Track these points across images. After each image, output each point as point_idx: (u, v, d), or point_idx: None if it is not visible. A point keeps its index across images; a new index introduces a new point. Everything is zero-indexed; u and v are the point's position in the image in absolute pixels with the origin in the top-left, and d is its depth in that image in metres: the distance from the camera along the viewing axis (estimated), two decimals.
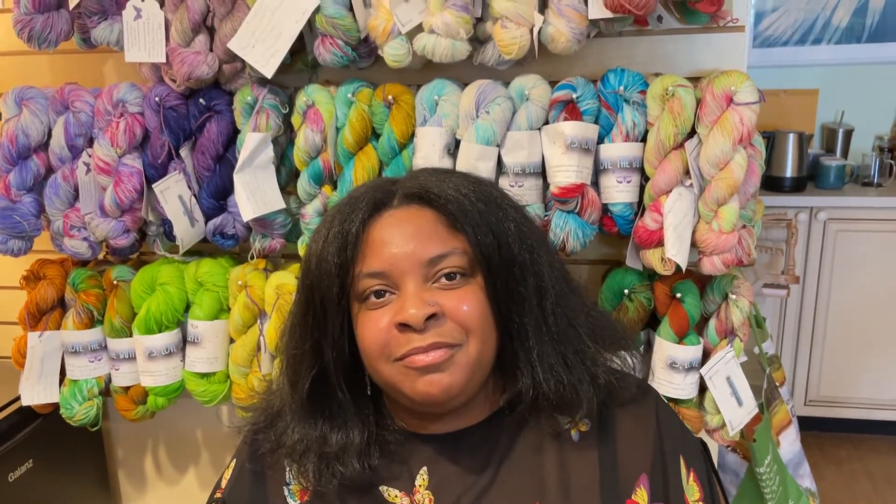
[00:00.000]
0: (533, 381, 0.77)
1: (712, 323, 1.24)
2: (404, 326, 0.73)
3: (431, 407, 0.78)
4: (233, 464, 0.91)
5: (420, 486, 0.81)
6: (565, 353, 0.78)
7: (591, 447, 0.80)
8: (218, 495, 0.89)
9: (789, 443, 1.48)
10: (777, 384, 1.46)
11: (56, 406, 1.43)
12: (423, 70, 1.22)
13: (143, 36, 1.23)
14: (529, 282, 0.78)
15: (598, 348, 0.81)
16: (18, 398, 1.45)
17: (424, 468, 0.81)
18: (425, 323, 0.73)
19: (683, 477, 0.80)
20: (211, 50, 1.23)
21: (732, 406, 1.24)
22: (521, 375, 0.78)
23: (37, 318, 1.41)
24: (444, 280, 0.75)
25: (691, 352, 1.21)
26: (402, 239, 0.76)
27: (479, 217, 0.77)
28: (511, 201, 0.83)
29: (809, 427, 2.71)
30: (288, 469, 0.85)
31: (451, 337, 0.74)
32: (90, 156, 1.29)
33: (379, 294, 0.76)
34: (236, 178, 1.23)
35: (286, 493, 0.84)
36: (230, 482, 0.89)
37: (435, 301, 0.74)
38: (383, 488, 0.81)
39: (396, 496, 0.81)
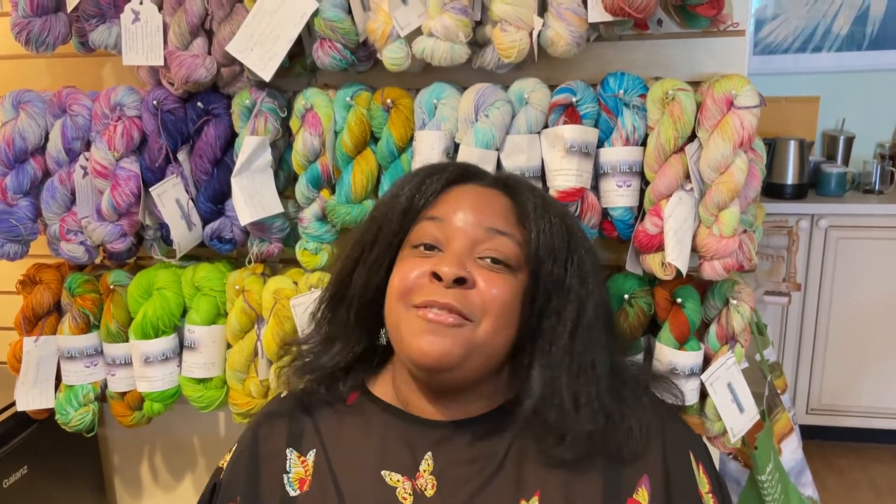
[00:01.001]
0: (541, 394, 0.79)
1: (713, 328, 1.23)
2: (435, 277, 0.76)
3: (424, 371, 0.79)
4: (234, 448, 0.92)
5: (424, 471, 0.81)
6: (577, 388, 0.79)
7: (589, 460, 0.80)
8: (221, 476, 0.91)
9: (791, 451, 1.47)
10: (778, 391, 1.45)
11: (51, 412, 1.42)
12: (422, 73, 1.22)
13: (142, 39, 1.22)
14: (570, 307, 0.80)
15: (611, 401, 0.81)
16: (13, 404, 1.44)
17: (429, 453, 0.81)
18: (453, 283, 0.75)
19: (694, 468, 0.81)
20: (209, 53, 1.22)
21: (734, 413, 1.23)
22: (533, 389, 0.80)
23: (33, 322, 1.40)
24: (489, 261, 0.78)
25: (692, 357, 1.20)
26: (472, 205, 0.81)
27: (548, 226, 0.81)
28: (584, 235, 0.87)
29: (811, 435, 2.70)
30: (288, 458, 0.85)
31: (467, 309, 0.76)
32: (87, 159, 1.28)
33: (430, 247, 0.79)
34: (234, 181, 1.22)
35: (286, 480, 0.84)
36: (229, 465, 0.91)
37: (470, 271, 0.77)
38: (385, 472, 0.82)
39: (399, 480, 0.81)
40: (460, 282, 0.76)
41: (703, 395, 1.24)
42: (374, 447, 0.83)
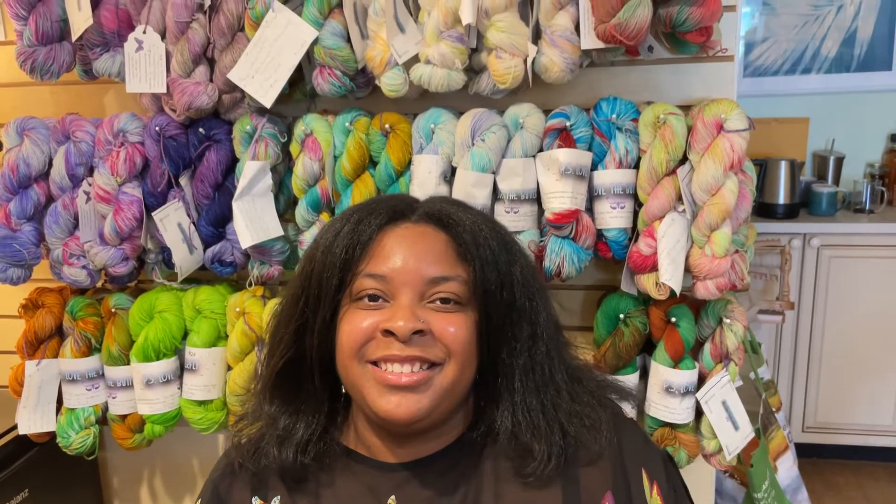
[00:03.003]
0: (512, 421, 0.79)
1: (707, 347, 1.24)
2: (389, 334, 0.75)
3: (391, 426, 0.79)
4: None
5: None
6: (544, 401, 0.80)
7: (554, 474, 0.79)
8: None
9: (786, 468, 1.48)
10: (773, 409, 1.47)
11: (52, 435, 1.43)
12: (419, 99, 1.25)
13: (145, 67, 1.25)
14: (524, 327, 0.80)
15: (573, 405, 0.82)
16: (15, 427, 1.44)
17: (392, 497, 0.81)
18: (410, 337, 0.74)
19: (647, 490, 0.81)
20: (211, 80, 1.25)
21: (729, 430, 1.24)
22: (500, 415, 0.80)
23: (35, 346, 1.41)
24: (438, 303, 0.77)
25: (687, 376, 1.22)
26: (410, 252, 0.78)
27: (490, 254, 0.79)
28: (520, 247, 0.85)
29: (808, 454, 2.70)
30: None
31: (433, 354, 0.75)
32: (90, 185, 1.30)
33: (373, 298, 0.77)
34: (235, 205, 1.24)
35: None
36: None
37: (425, 319, 0.76)
38: None
39: None
40: (416, 333, 0.74)
41: (699, 413, 1.25)
42: (339, 493, 0.82)
